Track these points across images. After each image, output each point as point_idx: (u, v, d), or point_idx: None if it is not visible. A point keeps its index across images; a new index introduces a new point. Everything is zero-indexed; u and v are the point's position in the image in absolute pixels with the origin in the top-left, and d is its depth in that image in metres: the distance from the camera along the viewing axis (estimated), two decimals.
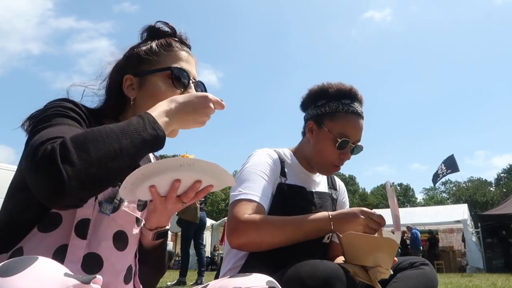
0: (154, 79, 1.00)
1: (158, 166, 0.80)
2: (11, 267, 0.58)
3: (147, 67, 1.01)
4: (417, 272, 1.21)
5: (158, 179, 0.83)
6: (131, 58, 1.04)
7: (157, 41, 1.04)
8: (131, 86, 1.02)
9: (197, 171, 0.83)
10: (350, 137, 1.40)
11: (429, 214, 16.86)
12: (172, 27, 1.09)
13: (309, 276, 1.01)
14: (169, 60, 1.02)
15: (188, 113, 0.87)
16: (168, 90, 0.99)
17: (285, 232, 1.23)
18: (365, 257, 1.14)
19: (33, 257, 0.61)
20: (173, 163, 0.81)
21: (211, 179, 0.87)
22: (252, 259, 1.34)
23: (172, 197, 0.87)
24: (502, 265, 12.88)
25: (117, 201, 0.93)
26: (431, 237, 15.32)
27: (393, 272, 1.18)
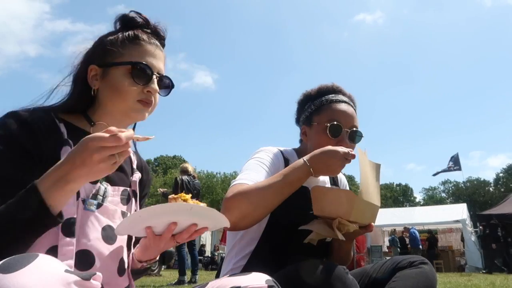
0: (116, 71, 0.99)
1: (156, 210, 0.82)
2: (12, 264, 0.59)
3: (111, 59, 1.00)
4: (416, 271, 1.22)
5: (155, 221, 0.86)
6: (98, 48, 1.03)
7: (125, 33, 1.03)
8: (95, 76, 1.01)
9: (194, 215, 0.86)
10: (340, 122, 1.37)
11: (428, 214, 16.86)
12: (145, 17, 1.07)
13: (309, 275, 1.02)
14: (133, 54, 1.01)
15: (78, 169, 0.74)
16: (128, 83, 0.98)
17: (272, 189, 1.20)
18: (328, 208, 1.22)
19: (34, 254, 0.63)
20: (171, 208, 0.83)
21: (207, 221, 0.90)
22: (253, 260, 1.34)
23: (167, 237, 0.89)
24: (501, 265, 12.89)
25: (101, 197, 0.95)
26: (431, 237, 15.33)
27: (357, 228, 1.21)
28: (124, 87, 0.98)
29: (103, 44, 1.02)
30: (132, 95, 0.99)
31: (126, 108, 1.00)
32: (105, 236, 0.94)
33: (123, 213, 1.01)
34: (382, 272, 1.29)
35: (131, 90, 0.99)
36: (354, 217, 1.18)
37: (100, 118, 1.03)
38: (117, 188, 1.01)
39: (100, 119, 1.03)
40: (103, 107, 1.02)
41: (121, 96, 0.99)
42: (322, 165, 1.23)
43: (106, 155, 0.73)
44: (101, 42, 1.03)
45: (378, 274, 1.30)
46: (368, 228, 1.25)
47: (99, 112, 1.03)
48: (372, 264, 1.40)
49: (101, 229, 0.93)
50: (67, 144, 0.91)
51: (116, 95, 0.99)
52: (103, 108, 1.02)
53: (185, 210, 0.83)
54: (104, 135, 0.73)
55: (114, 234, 0.96)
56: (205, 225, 0.90)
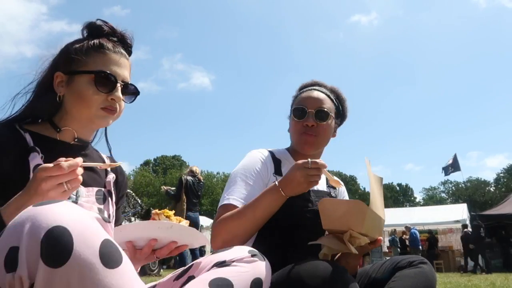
0: (81, 79, 1.02)
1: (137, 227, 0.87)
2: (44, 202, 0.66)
3: (76, 67, 1.03)
4: (415, 271, 1.22)
5: (136, 236, 0.89)
6: (63, 55, 1.06)
7: (90, 41, 1.05)
8: (61, 83, 1.04)
9: (174, 233, 0.90)
10: (305, 106, 1.45)
11: (429, 214, 16.86)
12: (111, 26, 1.09)
13: (309, 276, 1.02)
14: (98, 62, 1.03)
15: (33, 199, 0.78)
16: (92, 91, 1.01)
17: (246, 216, 1.24)
18: (339, 221, 1.18)
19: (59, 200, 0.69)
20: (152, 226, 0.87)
21: (187, 240, 0.94)
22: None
23: (147, 252, 0.93)
24: (501, 265, 12.89)
25: (74, 196, 0.97)
26: (431, 237, 15.31)
27: (368, 241, 1.19)
28: (88, 95, 1.01)
29: (68, 52, 1.05)
30: (96, 103, 1.02)
31: (90, 115, 1.03)
32: None
33: (100, 209, 1.02)
34: (382, 272, 1.29)
35: (95, 98, 1.02)
36: (366, 229, 1.16)
37: (66, 124, 1.05)
38: (91, 188, 1.03)
39: (66, 125, 1.05)
40: (69, 114, 1.05)
41: (85, 104, 1.01)
42: (286, 181, 1.24)
43: (53, 184, 0.78)
44: (66, 50, 1.05)
45: (377, 274, 1.30)
46: (376, 243, 1.24)
47: (65, 118, 1.06)
48: (371, 264, 1.40)
49: None
50: (34, 151, 0.94)
51: (81, 103, 1.02)
52: (68, 114, 1.05)
53: (165, 228, 0.87)
54: (49, 166, 0.79)
55: None
56: (185, 243, 0.95)
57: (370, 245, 1.22)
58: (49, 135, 1.04)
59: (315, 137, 1.44)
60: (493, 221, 13.75)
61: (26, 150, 0.95)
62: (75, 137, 1.07)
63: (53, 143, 1.03)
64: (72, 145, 1.06)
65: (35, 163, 0.93)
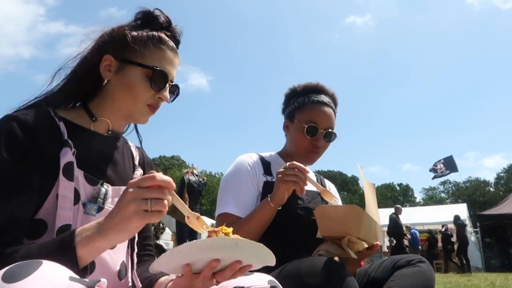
0: (134, 71, 0.96)
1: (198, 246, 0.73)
2: (16, 273, 0.58)
3: (131, 56, 0.97)
4: (414, 270, 1.22)
5: (195, 258, 0.76)
6: (118, 39, 0.98)
7: (150, 33, 1.00)
8: (108, 67, 0.97)
9: (240, 251, 0.76)
10: (318, 124, 1.47)
11: (429, 214, 16.88)
12: (169, 20, 1.04)
13: (308, 273, 1.02)
14: (154, 57, 0.98)
15: (112, 215, 0.73)
16: (143, 87, 0.96)
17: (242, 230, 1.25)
18: (336, 227, 1.18)
19: (38, 261, 0.61)
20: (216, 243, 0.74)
21: (252, 258, 0.80)
22: None
23: (207, 276, 0.79)
24: (501, 265, 12.90)
25: (101, 200, 0.92)
26: (431, 237, 15.31)
27: (366, 246, 1.20)
28: (140, 90, 0.96)
29: (125, 38, 0.98)
30: (144, 98, 0.97)
31: (134, 109, 0.98)
32: None
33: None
34: (381, 271, 1.30)
35: (144, 94, 0.97)
36: (363, 233, 1.16)
37: (103, 113, 0.99)
38: (117, 188, 0.98)
39: (103, 114, 0.99)
40: (111, 102, 0.99)
41: (133, 97, 0.97)
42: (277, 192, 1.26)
43: (139, 195, 0.70)
44: (122, 35, 0.98)
45: (376, 273, 1.30)
46: (373, 248, 1.24)
47: (103, 106, 0.99)
48: (370, 263, 1.40)
49: None
50: (67, 145, 0.89)
51: (129, 95, 0.97)
52: (110, 102, 0.99)
53: (231, 245, 0.74)
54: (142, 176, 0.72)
55: None
56: (250, 263, 0.81)
57: (368, 251, 1.22)
58: (83, 125, 0.97)
59: (318, 155, 1.50)
60: (493, 221, 13.76)
61: (60, 143, 0.88)
62: (110, 129, 1.01)
63: (87, 135, 0.96)
64: (106, 137, 1.01)
65: (66, 160, 0.87)
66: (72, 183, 0.87)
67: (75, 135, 0.92)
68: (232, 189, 1.42)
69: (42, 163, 0.85)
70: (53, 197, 0.85)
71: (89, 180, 0.91)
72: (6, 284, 0.56)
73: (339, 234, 1.17)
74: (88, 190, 0.91)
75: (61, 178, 0.85)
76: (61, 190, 0.85)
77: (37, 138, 0.85)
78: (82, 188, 0.89)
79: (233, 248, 0.74)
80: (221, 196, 1.43)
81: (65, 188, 0.85)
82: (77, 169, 0.89)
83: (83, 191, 0.89)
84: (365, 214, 1.15)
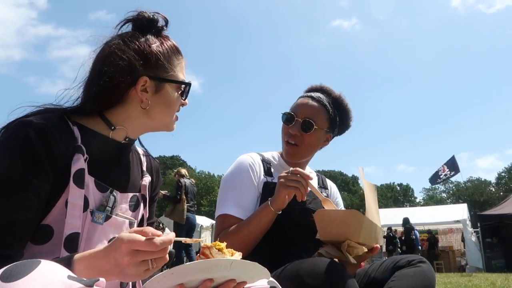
0: (170, 88, 1.00)
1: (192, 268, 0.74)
2: (15, 272, 0.58)
3: (164, 74, 0.98)
4: (414, 270, 1.22)
5: (190, 279, 0.76)
6: (150, 59, 0.96)
7: (166, 44, 1.00)
8: (144, 87, 0.96)
9: (234, 271, 0.77)
10: (295, 112, 1.46)
11: (429, 214, 16.85)
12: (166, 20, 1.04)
13: (308, 274, 1.02)
14: (178, 69, 1.02)
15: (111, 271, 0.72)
16: (177, 99, 1.01)
17: (243, 233, 1.29)
18: (336, 232, 1.18)
19: (36, 260, 0.61)
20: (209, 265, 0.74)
21: (246, 276, 0.81)
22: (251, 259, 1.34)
23: None
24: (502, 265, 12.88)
25: (109, 208, 0.93)
26: (431, 237, 15.31)
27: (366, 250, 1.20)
28: (176, 103, 1.02)
29: (156, 57, 0.97)
30: (176, 110, 1.03)
31: (169, 122, 1.03)
32: None
33: (131, 223, 0.99)
34: (381, 271, 1.29)
35: (177, 106, 1.03)
36: (363, 238, 1.16)
37: (121, 121, 0.98)
38: (125, 195, 0.99)
39: (121, 122, 0.98)
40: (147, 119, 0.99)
41: (170, 112, 1.01)
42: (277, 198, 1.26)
43: (138, 260, 0.69)
44: (151, 53, 0.96)
45: (377, 274, 1.30)
46: (373, 251, 1.24)
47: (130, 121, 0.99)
48: (371, 263, 1.39)
49: (107, 242, 0.91)
50: (80, 151, 0.88)
51: (167, 111, 1.01)
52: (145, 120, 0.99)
53: (225, 266, 0.74)
54: (140, 238, 0.69)
55: None
56: (244, 280, 0.81)
57: (367, 253, 1.22)
58: (98, 131, 0.96)
59: (297, 148, 1.44)
60: (493, 221, 13.72)
61: (72, 148, 0.87)
62: (126, 137, 1.01)
63: (101, 140, 0.95)
64: (120, 144, 1.01)
65: (78, 167, 0.86)
66: (83, 190, 0.87)
67: (89, 141, 0.92)
68: (232, 189, 1.41)
69: (53, 170, 0.84)
70: (61, 203, 0.85)
71: (99, 186, 0.91)
72: (5, 283, 0.56)
73: (339, 239, 1.17)
74: (97, 197, 0.91)
75: (72, 185, 0.85)
76: (71, 198, 0.85)
77: (51, 144, 0.84)
78: (91, 195, 0.89)
79: (227, 269, 0.75)
80: (221, 197, 1.42)
81: (75, 196, 0.85)
82: (88, 176, 0.89)
83: (92, 198, 0.90)
84: (365, 219, 1.15)
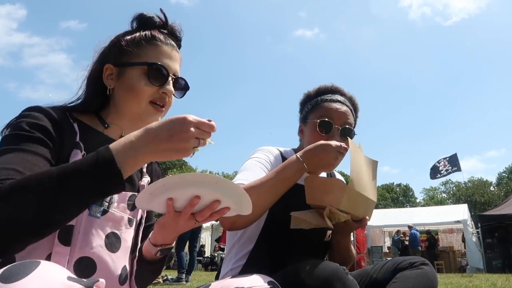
0: (132, 72, 0.98)
1: (181, 180, 0.77)
2: (14, 273, 0.57)
3: (127, 59, 0.99)
4: (416, 272, 1.21)
5: (178, 193, 0.80)
6: (114, 47, 1.01)
7: (142, 33, 1.02)
8: (111, 75, 0.99)
9: (219, 190, 0.80)
10: (332, 119, 1.39)
11: (429, 214, 16.84)
12: (163, 18, 1.05)
13: (309, 275, 1.01)
14: (149, 54, 0.99)
15: (161, 142, 0.74)
16: (145, 85, 0.97)
17: (266, 187, 1.20)
18: (320, 197, 1.22)
19: (36, 261, 0.61)
20: (198, 179, 0.77)
21: (231, 201, 0.84)
22: (252, 259, 1.34)
23: (187, 213, 0.83)
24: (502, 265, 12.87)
25: (107, 203, 0.92)
26: (430, 237, 15.32)
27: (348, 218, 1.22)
28: (140, 87, 0.97)
29: (119, 43, 1.00)
30: (146, 95, 0.98)
31: (139, 110, 0.99)
32: (108, 244, 0.91)
33: (130, 220, 0.99)
34: (383, 273, 1.29)
35: (146, 90, 0.98)
36: (344, 206, 1.19)
37: (113, 120, 1.01)
38: (124, 193, 0.98)
39: (113, 121, 1.01)
40: (117, 108, 1.01)
41: (135, 97, 0.98)
42: (316, 159, 1.23)
43: (197, 134, 0.74)
44: (117, 41, 1.01)
45: (378, 275, 1.29)
46: (362, 222, 1.26)
47: (113, 113, 1.02)
48: (372, 265, 1.39)
49: (104, 237, 0.91)
50: (77, 147, 0.89)
51: (131, 96, 0.98)
52: (117, 109, 1.01)
53: (211, 182, 0.77)
54: (201, 119, 0.75)
55: (118, 242, 0.94)
56: (227, 205, 0.84)
57: (356, 224, 1.25)
58: (96, 128, 0.99)
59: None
60: (494, 221, 13.72)
61: (72, 143, 0.89)
62: (122, 135, 1.01)
63: (99, 138, 0.97)
64: None
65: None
66: None
67: (87, 138, 0.93)
68: (255, 167, 1.36)
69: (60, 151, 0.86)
70: None
71: None
72: (4, 284, 0.56)
73: (322, 204, 1.22)
74: None
75: None
76: None
77: (59, 129, 0.87)
78: None
79: (213, 186, 0.78)
80: (242, 171, 1.37)
81: None
82: None
83: None
84: (347, 188, 1.18)
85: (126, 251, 0.97)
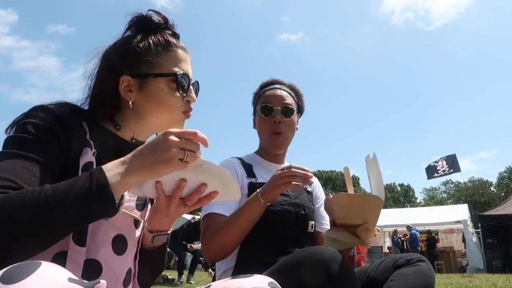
0: (156, 83, 0.95)
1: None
2: (14, 274, 0.57)
3: (147, 69, 0.95)
4: (414, 269, 1.21)
5: (165, 177, 0.80)
6: (129, 57, 0.95)
7: (154, 38, 0.97)
8: (128, 87, 0.95)
9: (204, 173, 0.81)
10: (271, 103, 1.53)
11: (429, 215, 16.84)
12: (163, 17, 1.01)
13: (305, 260, 1.02)
14: (170, 62, 0.96)
15: (146, 157, 0.74)
16: (170, 94, 0.95)
17: (232, 227, 1.29)
18: (354, 215, 1.20)
19: (37, 262, 0.60)
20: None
21: (217, 185, 0.85)
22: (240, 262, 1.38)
23: (176, 196, 0.85)
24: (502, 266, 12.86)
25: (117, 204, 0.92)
26: (430, 237, 15.30)
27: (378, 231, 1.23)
28: (170, 100, 0.95)
29: (134, 53, 0.95)
30: (177, 106, 0.96)
31: (171, 120, 0.97)
32: (115, 246, 0.91)
33: (136, 222, 0.98)
34: (380, 271, 1.29)
35: (176, 102, 0.96)
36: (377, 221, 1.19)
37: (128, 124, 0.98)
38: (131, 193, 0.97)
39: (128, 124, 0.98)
40: (143, 120, 0.97)
41: (166, 109, 0.95)
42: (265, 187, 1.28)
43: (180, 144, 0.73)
44: (131, 50, 0.95)
45: (376, 273, 1.30)
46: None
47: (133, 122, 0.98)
48: (370, 263, 1.40)
49: (112, 239, 0.91)
50: (88, 145, 0.88)
51: (161, 108, 0.95)
52: (142, 120, 0.98)
53: (195, 165, 0.78)
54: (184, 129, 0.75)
55: (124, 244, 0.94)
56: (215, 189, 0.86)
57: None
58: (107, 127, 0.97)
59: (282, 136, 1.51)
60: (494, 221, 13.71)
61: (82, 142, 0.88)
62: (133, 138, 1.00)
63: (109, 137, 0.96)
64: (127, 143, 0.99)
65: (86, 160, 0.86)
66: None
67: (97, 136, 0.91)
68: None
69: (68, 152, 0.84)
70: None
71: None
72: (5, 285, 0.56)
73: (357, 222, 1.20)
74: None
75: None
76: None
77: (66, 128, 0.85)
78: None
79: (198, 169, 0.80)
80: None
81: None
82: None
83: None
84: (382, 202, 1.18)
85: (131, 253, 0.97)
